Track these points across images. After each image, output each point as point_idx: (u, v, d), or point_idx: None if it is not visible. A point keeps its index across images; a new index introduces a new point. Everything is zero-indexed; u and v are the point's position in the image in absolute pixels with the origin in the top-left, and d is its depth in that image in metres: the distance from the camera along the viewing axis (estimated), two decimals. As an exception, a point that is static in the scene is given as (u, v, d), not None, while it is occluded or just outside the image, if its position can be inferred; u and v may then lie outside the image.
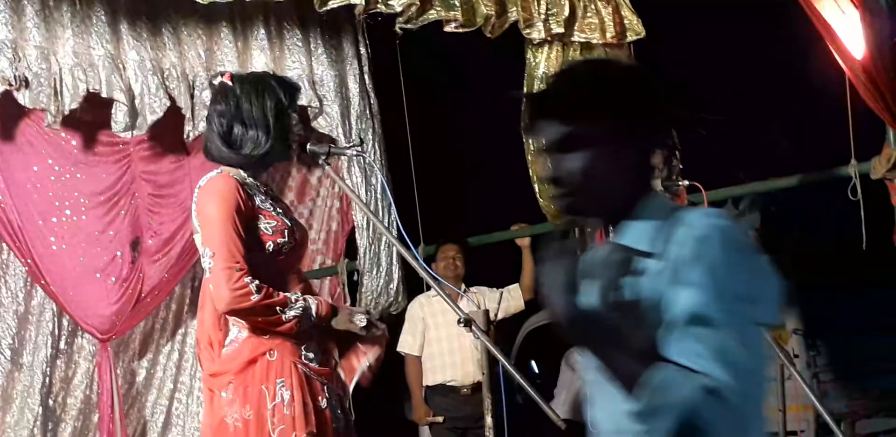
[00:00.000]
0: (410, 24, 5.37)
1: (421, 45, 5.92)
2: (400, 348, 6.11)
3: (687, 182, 4.60)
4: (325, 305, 3.31)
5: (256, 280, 3.16)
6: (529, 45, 5.85)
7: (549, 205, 5.77)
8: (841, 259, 6.40)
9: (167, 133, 5.43)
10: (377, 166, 5.30)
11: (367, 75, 5.85)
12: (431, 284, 3.42)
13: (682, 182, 4.61)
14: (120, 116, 5.14)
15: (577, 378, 6.31)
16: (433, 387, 6.08)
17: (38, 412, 5.45)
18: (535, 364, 7.90)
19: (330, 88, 5.69)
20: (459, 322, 3.27)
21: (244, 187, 3.27)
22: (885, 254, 5.13)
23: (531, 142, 5.84)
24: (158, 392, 5.83)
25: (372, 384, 3.50)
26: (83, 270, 5.49)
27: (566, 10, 5.74)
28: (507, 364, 3.32)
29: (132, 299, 5.58)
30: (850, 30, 4.69)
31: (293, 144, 3.39)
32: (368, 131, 5.79)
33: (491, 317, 3.94)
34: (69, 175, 5.50)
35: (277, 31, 5.59)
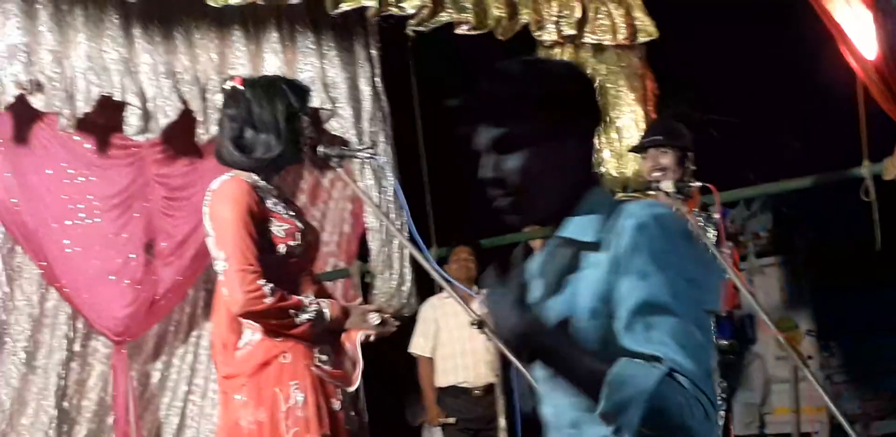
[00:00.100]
0: (422, 27, 5.39)
1: (432, 48, 5.92)
2: (412, 350, 6.11)
3: (699, 183, 4.59)
4: (337, 307, 3.32)
5: (270, 283, 3.17)
6: (541, 48, 5.86)
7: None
8: (853, 260, 6.39)
9: (180, 136, 5.45)
10: (389, 169, 5.30)
11: (378, 78, 5.85)
12: (444, 285, 3.42)
13: (694, 183, 4.61)
14: (133, 119, 5.16)
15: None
16: (445, 388, 6.08)
17: (52, 414, 5.45)
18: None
19: (342, 90, 5.69)
20: (472, 324, 3.27)
21: (256, 191, 3.27)
22: (898, 254, 5.12)
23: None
24: (173, 394, 5.84)
25: (386, 385, 3.50)
26: (97, 272, 5.49)
27: (577, 12, 5.75)
28: (519, 366, 3.32)
29: (146, 302, 5.58)
30: (861, 30, 4.69)
31: (304, 146, 3.39)
32: (380, 134, 5.79)
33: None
34: (83, 178, 5.51)
35: (290, 34, 5.60)
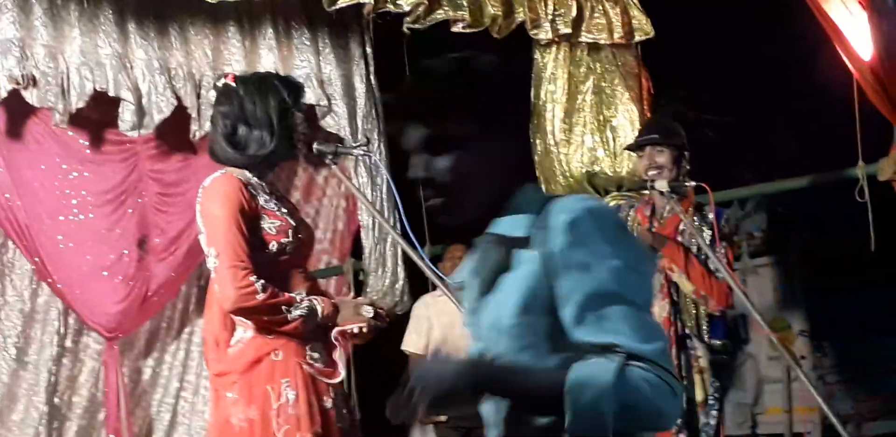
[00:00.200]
0: (418, 24, 5.37)
1: (428, 46, 5.91)
2: (405, 347, 6.10)
3: (694, 183, 4.59)
4: (329, 304, 3.31)
5: (262, 279, 3.16)
6: (537, 46, 5.85)
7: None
8: (847, 261, 6.38)
9: (174, 132, 5.43)
10: (383, 166, 5.29)
11: (373, 75, 5.84)
12: (437, 283, 3.42)
13: (689, 183, 4.61)
14: (127, 114, 5.15)
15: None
16: (438, 387, 6.07)
17: (43, 410, 5.45)
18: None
19: (337, 87, 5.68)
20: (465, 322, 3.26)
21: (248, 187, 3.27)
22: (892, 255, 5.12)
23: (537, 142, 5.84)
24: (164, 391, 5.83)
25: (378, 382, 3.49)
26: (90, 268, 5.48)
27: (573, 11, 5.74)
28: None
29: (139, 298, 5.57)
30: (857, 31, 4.68)
31: (298, 143, 3.38)
32: (374, 131, 5.78)
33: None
34: (76, 173, 5.49)
35: (285, 31, 5.58)
